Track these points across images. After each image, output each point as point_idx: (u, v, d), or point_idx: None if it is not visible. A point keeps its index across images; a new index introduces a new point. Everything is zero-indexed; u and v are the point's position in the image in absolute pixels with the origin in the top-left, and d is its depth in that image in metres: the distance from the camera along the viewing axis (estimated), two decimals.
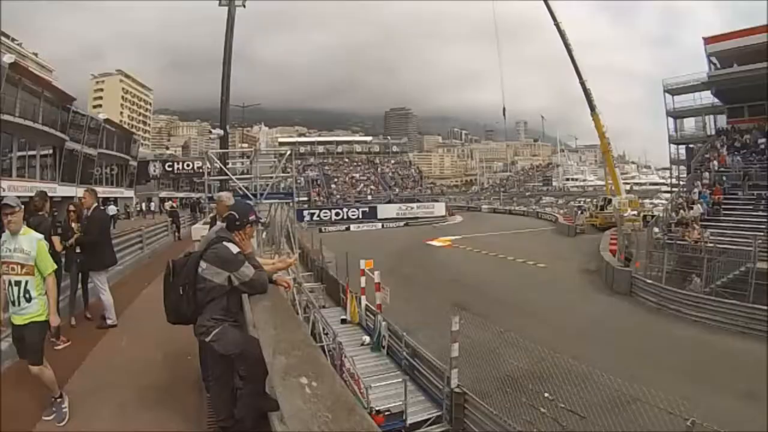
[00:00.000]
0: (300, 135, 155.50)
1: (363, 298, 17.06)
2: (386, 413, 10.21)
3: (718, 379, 13.70)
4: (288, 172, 17.41)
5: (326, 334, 13.28)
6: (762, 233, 22.55)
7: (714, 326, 18.49)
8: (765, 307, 17.56)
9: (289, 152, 17.19)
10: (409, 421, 10.34)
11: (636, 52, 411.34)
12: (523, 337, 11.15)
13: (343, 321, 17.30)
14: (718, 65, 36.78)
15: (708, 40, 37.09)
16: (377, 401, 10.45)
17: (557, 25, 47.26)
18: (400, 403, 10.44)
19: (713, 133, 39.54)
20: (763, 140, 31.73)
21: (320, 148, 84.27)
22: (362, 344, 14.91)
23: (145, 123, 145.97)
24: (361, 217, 60.40)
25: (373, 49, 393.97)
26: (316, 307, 15.51)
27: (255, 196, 15.48)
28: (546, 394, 8.99)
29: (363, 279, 17.22)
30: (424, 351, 12.45)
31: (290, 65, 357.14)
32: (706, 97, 40.04)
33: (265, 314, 3.73)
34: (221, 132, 37.81)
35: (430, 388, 11.61)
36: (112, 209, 36.39)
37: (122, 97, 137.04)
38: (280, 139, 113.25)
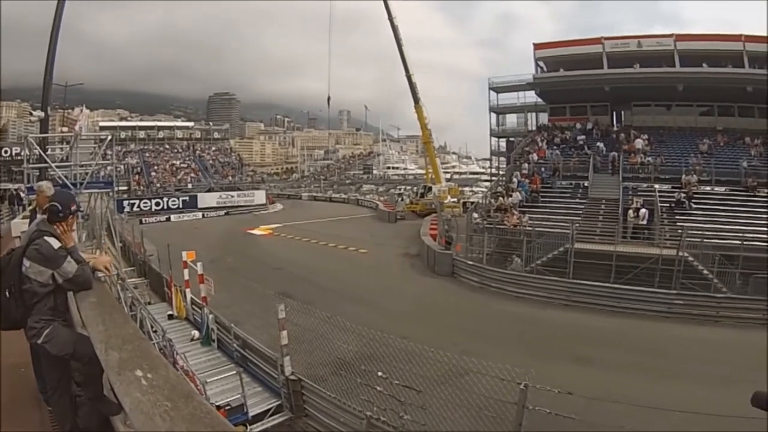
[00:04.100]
0: (122, 119, 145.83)
1: (188, 291, 16.45)
2: (227, 408, 9.91)
3: (548, 347, 14.77)
4: (108, 159, 16.50)
5: (155, 331, 12.70)
6: (578, 218, 24.73)
7: (537, 301, 20.02)
8: (585, 282, 19.68)
9: (109, 137, 16.29)
10: (250, 414, 10.16)
11: (468, 51, 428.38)
12: (352, 320, 11.32)
13: (171, 317, 16.51)
14: (545, 69, 40.16)
15: (537, 46, 40.33)
16: (215, 396, 10.08)
17: (391, 20, 47.51)
18: (239, 395, 10.23)
19: (534, 128, 42.84)
20: (583, 137, 34.89)
21: (141, 134, 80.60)
22: (192, 339, 14.35)
23: None
24: (181, 206, 57.98)
25: (199, 31, 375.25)
26: (142, 303, 14.79)
27: (75, 185, 14.54)
28: (379, 373, 9.15)
29: (186, 271, 16.57)
30: (254, 341, 12.28)
31: (115, 43, 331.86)
32: (530, 96, 43.64)
33: (92, 311, 3.51)
34: (42, 114, 34.60)
35: (266, 378, 11.45)
36: None
37: None
38: (101, 123, 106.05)
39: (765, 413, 3.85)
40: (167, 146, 78.55)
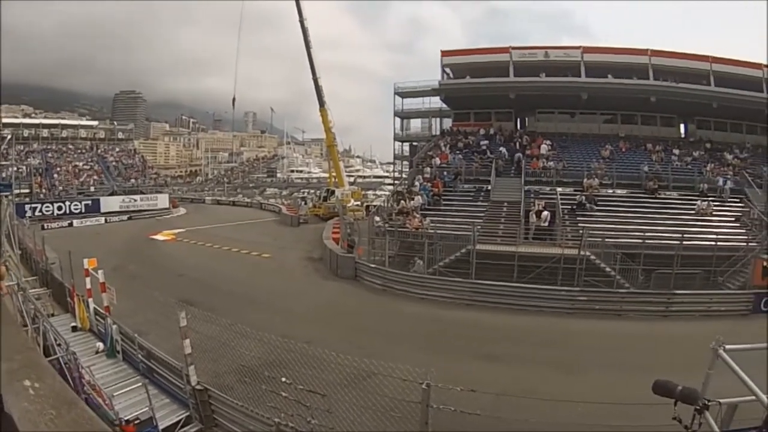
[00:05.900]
0: (26, 115, 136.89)
1: (90, 301, 15.82)
2: (136, 422, 9.74)
3: (453, 346, 15.20)
4: (9, 160, 15.81)
5: (59, 345, 12.31)
6: (480, 220, 25.42)
7: (441, 302, 20.44)
8: (488, 282, 20.41)
9: (9, 136, 15.63)
10: (160, 427, 9.95)
11: (376, 54, 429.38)
12: (256, 327, 11.32)
13: (75, 328, 15.83)
14: (452, 75, 40.98)
15: (445, 53, 41.16)
16: (124, 410, 9.92)
17: (302, 21, 47.08)
18: (147, 408, 9.98)
19: (438, 133, 43.89)
20: (486, 142, 35.88)
21: (45, 132, 75.80)
22: (97, 352, 13.87)
23: None
24: (84, 211, 55.53)
25: (107, 24, 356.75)
26: (45, 316, 14.26)
27: None
28: (283, 379, 9.23)
29: (88, 280, 15.81)
30: (159, 351, 12.05)
31: (21, 34, 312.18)
32: (435, 102, 44.39)
33: None
34: None
35: (173, 388, 11.27)
36: None
37: None
38: (4, 120, 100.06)
39: (665, 399, 4.23)
40: (71, 146, 74.71)
